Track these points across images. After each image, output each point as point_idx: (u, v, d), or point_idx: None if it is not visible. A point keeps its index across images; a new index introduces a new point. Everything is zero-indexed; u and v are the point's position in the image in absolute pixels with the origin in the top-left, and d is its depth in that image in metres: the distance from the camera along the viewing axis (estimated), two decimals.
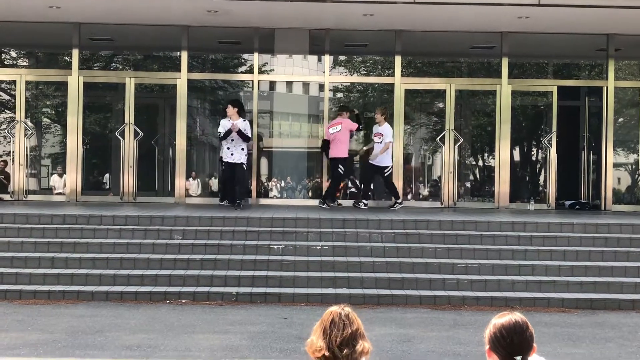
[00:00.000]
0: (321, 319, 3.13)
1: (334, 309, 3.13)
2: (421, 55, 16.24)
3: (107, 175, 15.94)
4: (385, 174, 13.57)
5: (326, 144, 13.79)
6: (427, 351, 7.11)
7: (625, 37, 14.63)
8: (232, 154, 12.76)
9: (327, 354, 3.02)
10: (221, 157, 13.23)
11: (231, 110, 12.91)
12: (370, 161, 13.67)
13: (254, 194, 14.58)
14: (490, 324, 2.87)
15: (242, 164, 12.81)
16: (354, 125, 13.76)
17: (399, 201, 13.64)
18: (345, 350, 3.01)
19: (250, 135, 13.00)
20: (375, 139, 13.60)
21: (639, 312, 9.20)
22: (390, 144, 13.51)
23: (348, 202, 14.38)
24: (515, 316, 2.85)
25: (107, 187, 15.74)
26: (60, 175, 15.39)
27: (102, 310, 8.65)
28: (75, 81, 14.47)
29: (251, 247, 10.40)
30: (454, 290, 9.63)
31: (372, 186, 14.38)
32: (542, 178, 16.27)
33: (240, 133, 12.66)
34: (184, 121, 14.56)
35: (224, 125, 12.88)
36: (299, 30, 14.84)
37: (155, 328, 7.83)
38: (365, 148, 14.67)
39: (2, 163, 15.29)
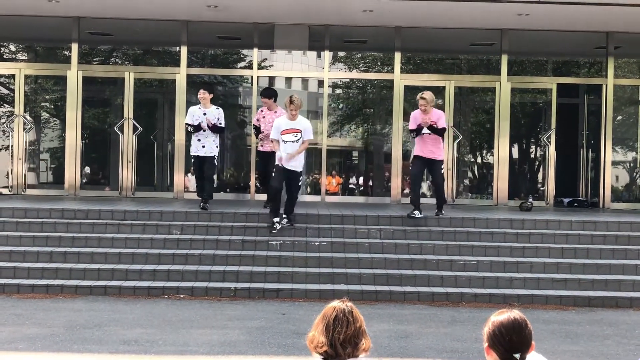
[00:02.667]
0: (323, 313, 3.10)
1: (337, 304, 3.11)
2: (421, 51, 16.23)
3: (86, 167, 15.86)
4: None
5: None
6: (425, 347, 7.12)
7: (625, 35, 14.63)
8: (203, 146, 11.45)
9: (329, 350, 3.01)
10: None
11: (206, 95, 11.52)
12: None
13: (252, 189, 14.57)
14: (489, 322, 2.87)
15: (213, 157, 11.52)
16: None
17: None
18: (348, 349, 3.01)
19: (224, 126, 11.73)
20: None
21: (636, 310, 9.22)
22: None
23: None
24: (514, 314, 2.85)
25: (85, 178, 15.57)
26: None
27: (100, 305, 8.65)
28: (74, 75, 14.45)
29: (250, 242, 10.41)
30: (452, 287, 9.64)
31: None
32: (540, 175, 16.28)
33: (214, 127, 11.44)
34: (183, 116, 14.52)
35: (194, 113, 11.50)
36: (298, 25, 14.82)
37: (153, 323, 7.83)
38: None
39: None
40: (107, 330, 7.46)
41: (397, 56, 14.71)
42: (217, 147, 11.57)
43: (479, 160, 17.08)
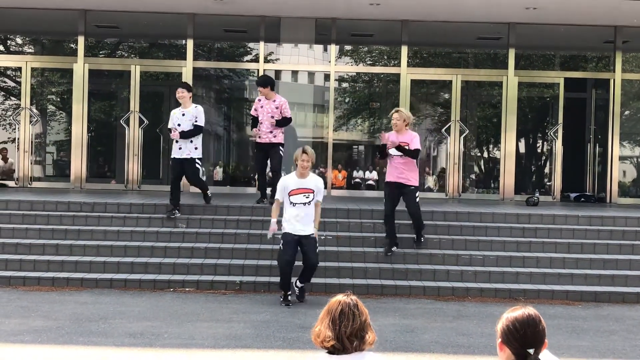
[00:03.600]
0: (328, 307, 3.10)
1: (342, 298, 3.11)
2: (427, 45, 16.18)
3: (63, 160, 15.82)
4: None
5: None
6: (431, 342, 7.10)
7: (633, 29, 14.55)
8: (179, 148, 10.60)
9: (336, 344, 3.01)
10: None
11: (184, 93, 10.64)
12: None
13: (257, 183, 14.54)
14: (502, 318, 2.86)
15: (193, 160, 10.59)
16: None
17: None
18: (355, 342, 3.01)
19: (202, 125, 10.79)
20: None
21: None
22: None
23: None
24: (529, 310, 2.85)
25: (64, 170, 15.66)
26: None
27: (105, 298, 8.66)
28: (80, 68, 14.45)
29: (255, 236, 10.40)
30: (458, 281, 9.62)
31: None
32: (547, 170, 16.23)
33: (189, 131, 10.57)
34: None
35: (173, 116, 10.74)
36: (305, 19, 14.79)
37: (158, 316, 7.83)
38: None
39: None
40: (113, 323, 7.47)
41: (404, 50, 14.67)
42: (196, 148, 10.59)
43: (485, 154, 17.04)
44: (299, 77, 17.36)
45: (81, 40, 14.52)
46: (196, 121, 10.62)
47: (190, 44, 14.58)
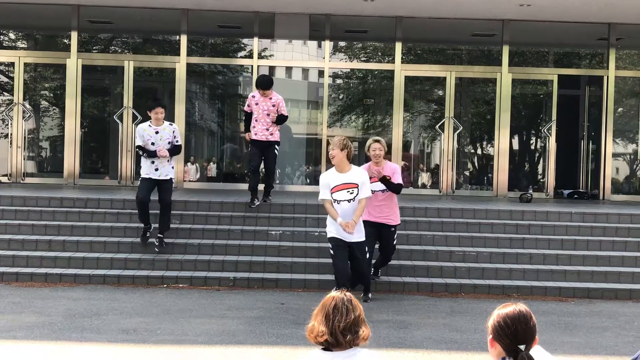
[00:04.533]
0: (322, 303, 3.11)
1: (336, 294, 3.12)
2: (422, 42, 16.18)
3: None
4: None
5: None
6: (424, 338, 7.11)
7: (627, 26, 14.59)
8: (156, 169, 9.64)
9: (329, 339, 3.01)
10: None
11: (160, 112, 9.75)
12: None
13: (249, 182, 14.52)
14: (493, 314, 2.87)
15: (170, 180, 9.79)
16: None
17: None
18: (348, 337, 3.02)
19: (181, 143, 10.10)
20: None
21: (636, 302, 9.21)
22: None
23: None
24: (520, 306, 2.86)
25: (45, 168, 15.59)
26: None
27: (99, 294, 8.64)
28: (73, 64, 14.40)
29: (249, 232, 10.39)
30: (451, 277, 9.63)
31: None
32: (541, 167, 16.26)
33: (173, 149, 9.78)
34: (182, 105, 14.51)
35: (144, 134, 9.69)
36: (299, 15, 14.77)
37: (152, 312, 7.82)
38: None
39: None
40: (106, 319, 7.45)
41: (398, 46, 14.67)
42: (172, 167, 9.88)
43: (479, 151, 17.06)
44: (293, 73, 17.34)
45: (74, 35, 14.47)
46: (177, 141, 9.83)
47: (184, 39, 14.54)
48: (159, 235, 9.83)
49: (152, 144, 9.66)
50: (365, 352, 3.10)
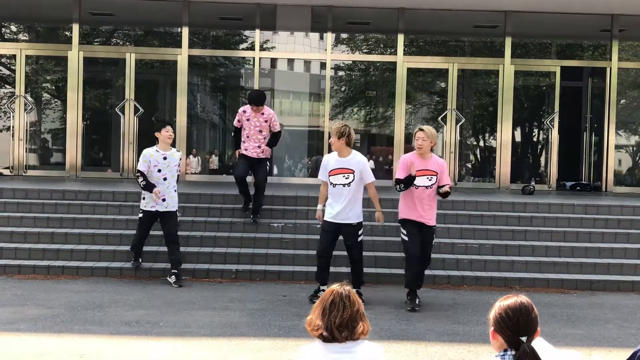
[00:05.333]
0: (322, 296, 3.12)
1: (335, 287, 3.11)
2: (424, 33, 16.13)
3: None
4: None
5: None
6: (426, 330, 7.11)
7: (630, 18, 14.52)
8: (163, 199, 8.80)
9: (325, 333, 3.01)
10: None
11: (171, 132, 8.90)
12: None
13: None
14: (495, 306, 2.86)
15: (176, 211, 9.07)
16: None
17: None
18: (344, 332, 3.01)
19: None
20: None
21: (638, 294, 9.21)
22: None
23: None
24: (521, 298, 2.85)
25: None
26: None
27: (101, 286, 8.65)
28: (75, 56, 14.38)
29: (251, 224, 10.38)
30: (453, 269, 9.63)
31: None
32: (543, 159, 16.23)
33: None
34: (184, 98, 14.48)
35: (151, 158, 8.79)
36: (301, 6, 14.72)
37: (154, 304, 7.82)
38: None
39: None
40: (109, 311, 7.46)
41: (400, 38, 14.62)
42: (175, 191, 9.03)
43: (481, 143, 17.03)
44: (295, 65, 17.31)
45: (76, 27, 14.44)
46: (179, 170, 9.13)
47: (185, 31, 14.50)
48: (174, 271, 8.85)
49: (159, 170, 8.78)
50: (366, 344, 3.10)
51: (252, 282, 9.19)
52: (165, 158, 8.82)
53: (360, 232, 8.16)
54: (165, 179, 8.79)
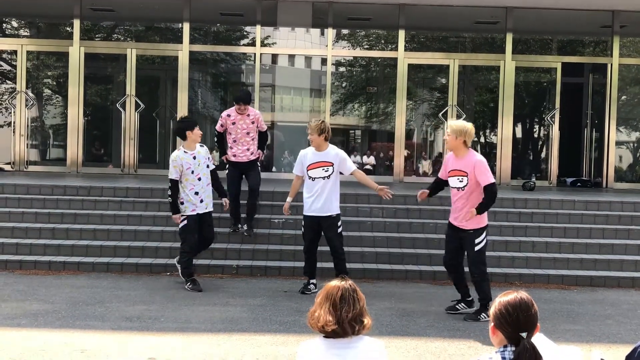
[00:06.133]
0: (326, 292, 3.11)
1: (339, 283, 3.12)
2: (425, 29, 16.12)
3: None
4: None
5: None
6: (427, 326, 7.13)
7: (631, 14, 14.50)
8: (201, 200, 8.48)
9: (337, 329, 3.03)
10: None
11: (201, 132, 8.59)
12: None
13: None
14: (495, 302, 2.88)
15: (211, 211, 8.71)
16: None
17: None
18: (356, 327, 3.04)
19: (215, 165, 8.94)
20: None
21: (638, 290, 9.22)
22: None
23: None
24: (521, 294, 2.87)
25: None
26: None
27: (102, 282, 8.67)
28: (76, 52, 14.38)
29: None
30: None
31: None
32: (544, 155, 16.23)
33: (216, 182, 8.77)
34: (185, 94, 14.48)
35: (183, 161, 8.39)
36: (302, 2, 14.71)
37: (155, 300, 7.84)
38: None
39: None
40: (110, 306, 7.48)
41: (401, 34, 14.60)
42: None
43: (482, 139, 17.03)
44: (296, 61, 17.31)
45: (77, 23, 14.44)
46: (213, 163, 8.80)
47: (186, 27, 14.49)
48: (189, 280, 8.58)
49: (192, 172, 8.44)
50: (367, 340, 3.12)
51: (253, 277, 9.20)
52: (194, 157, 8.47)
53: (339, 224, 8.33)
54: (199, 178, 8.45)
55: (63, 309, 7.32)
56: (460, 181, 7.38)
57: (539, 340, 2.89)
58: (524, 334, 2.77)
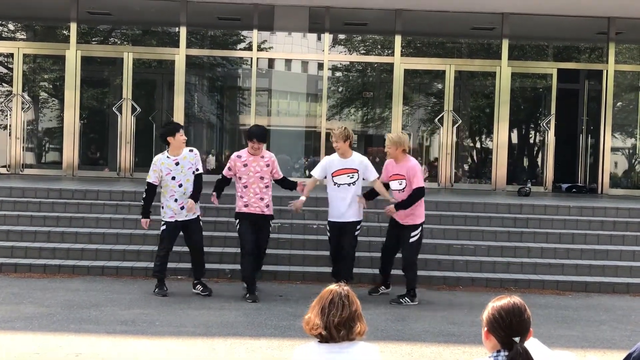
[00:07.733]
0: (320, 296, 3.12)
1: (334, 287, 3.13)
2: (421, 35, 16.16)
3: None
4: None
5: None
6: (422, 331, 7.14)
7: (627, 20, 14.56)
8: (182, 208, 8.24)
9: (323, 332, 3.03)
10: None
11: (184, 137, 8.39)
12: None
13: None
14: (488, 307, 2.88)
15: (198, 217, 8.47)
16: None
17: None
18: (342, 332, 3.02)
19: (202, 171, 8.54)
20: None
21: (633, 296, 9.24)
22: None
23: None
24: (514, 299, 2.87)
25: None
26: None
27: (97, 285, 8.66)
28: (73, 55, 14.37)
29: None
30: (449, 270, 9.66)
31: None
32: (539, 161, 16.27)
33: (197, 186, 8.37)
34: (181, 97, 14.47)
35: (162, 166, 8.24)
36: (298, 7, 14.74)
37: (150, 303, 7.84)
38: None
39: None
40: (105, 310, 7.47)
41: (398, 39, 14.63)
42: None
43: (478, 144, 17.07)
44: (293, 65, 17.33)
45: (74, 26, 14.43)
46: (198, 169, 8.40)
47: (183, 31, 14.51)
48: (196, 282, 8.47)
49: (173, 178, 8.21)
50: (362, 344, 3.12)
51: None
52: (177, 163, 8.23)
53: (358, 227, 8.56)
54: (180, 185, 8.20)
55: (58, 312, 7.31)
56: (400, 184, 8.35)
57: (533, 345, 2.91)
58: (517, 339, 2.78)
